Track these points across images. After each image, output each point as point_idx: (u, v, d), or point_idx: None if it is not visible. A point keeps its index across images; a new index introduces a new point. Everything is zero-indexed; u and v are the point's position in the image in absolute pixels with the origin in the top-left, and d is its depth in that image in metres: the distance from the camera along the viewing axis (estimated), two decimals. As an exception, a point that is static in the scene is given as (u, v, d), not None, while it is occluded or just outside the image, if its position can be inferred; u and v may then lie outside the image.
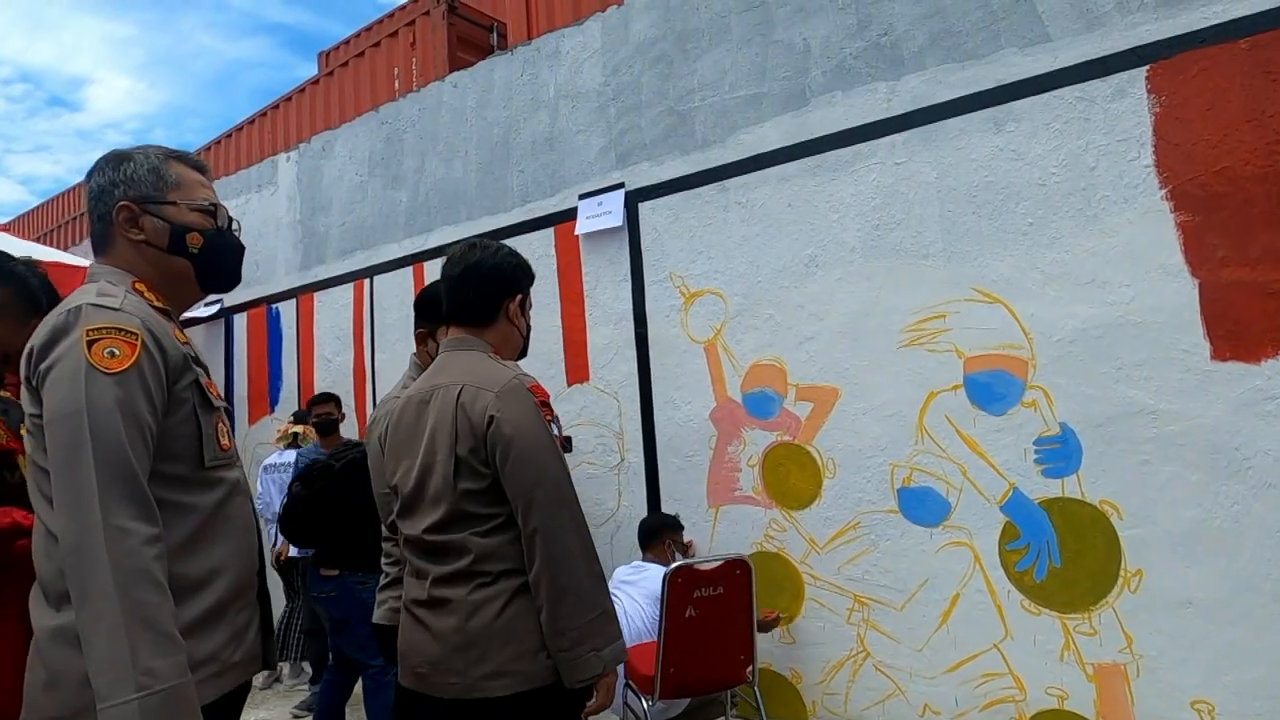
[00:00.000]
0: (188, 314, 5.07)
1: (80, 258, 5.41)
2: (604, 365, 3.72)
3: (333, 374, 4.75)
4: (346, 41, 8.27)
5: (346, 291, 4.72)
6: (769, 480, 3.27)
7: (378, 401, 4.39)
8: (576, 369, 3.80)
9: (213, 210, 1.38)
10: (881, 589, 3.00)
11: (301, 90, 7.36)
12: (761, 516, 3.27)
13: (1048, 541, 2.69)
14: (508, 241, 4.04)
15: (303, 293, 4.94)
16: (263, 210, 5.22)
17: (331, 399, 4.06)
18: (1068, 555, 2.66)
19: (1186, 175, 2.54)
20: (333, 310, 4.80)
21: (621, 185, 3.69)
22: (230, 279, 1.46)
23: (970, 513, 2.83)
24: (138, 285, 1.29)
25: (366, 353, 4.61)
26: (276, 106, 7.76)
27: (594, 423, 3.73)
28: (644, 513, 3.52)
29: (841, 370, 3.11)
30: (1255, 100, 2.45)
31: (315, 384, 4.82)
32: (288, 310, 5.04)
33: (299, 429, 4.26)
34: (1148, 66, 2.61)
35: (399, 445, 1.59)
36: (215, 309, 5.37)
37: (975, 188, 2.88)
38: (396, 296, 4.49)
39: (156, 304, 1.29)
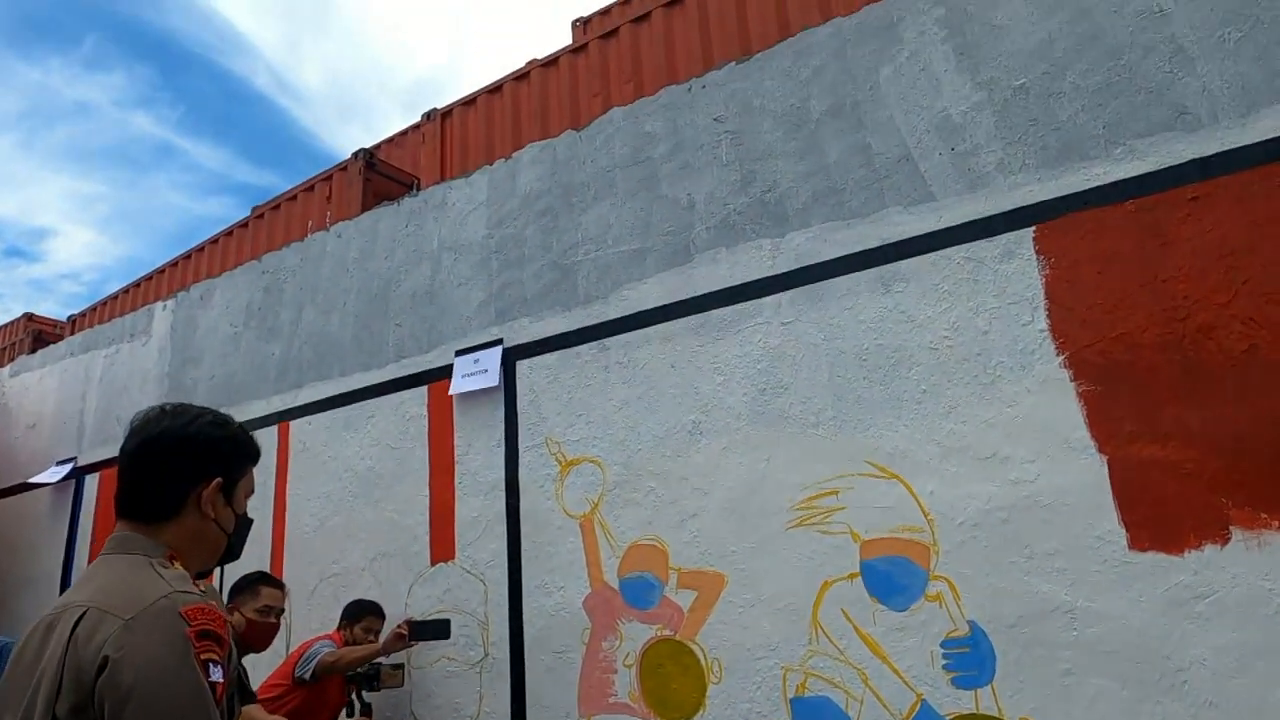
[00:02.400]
0: (36, 479, 4.43)
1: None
2: (472, 542, 3.27)
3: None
4: (278, 196, 8.19)
5: (207, 452, 4.25)
6: (647, 685, 2.78)
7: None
8: (442, 545, 3.34)
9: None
10: (776, 827, 2.47)
11: (214, 241, 7.15)
12: (638, 730, 2.76)
13: (964, 771, 2.24)
14: (379, 400, 3.72)
15: (161, 452, 4.45)
16: (132, 362, 4.81)
17: None
18: (988, 789, 2.20)
19: (1084, 341, 2.32)
20: (190, 472, 4.30)
21: (500, 342, 3.39)
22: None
23: (874, 731, 2.37)
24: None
25: (220, 522, 4.08)
26: (201, 249, 7.47)
27: (457, 609, 3.23)
28: (507, 722, 2.98)
29: (727, 553, 2.72)
30: (1148, 264, 2.28)
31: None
32: (143, 472, 4.52)
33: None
34: (1034, 227, 2.45)
35: (5, 692, 1.14)
36: (67, 469, 4.82)
37: (865, 351, 2.64)
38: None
39: None
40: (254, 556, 3.86)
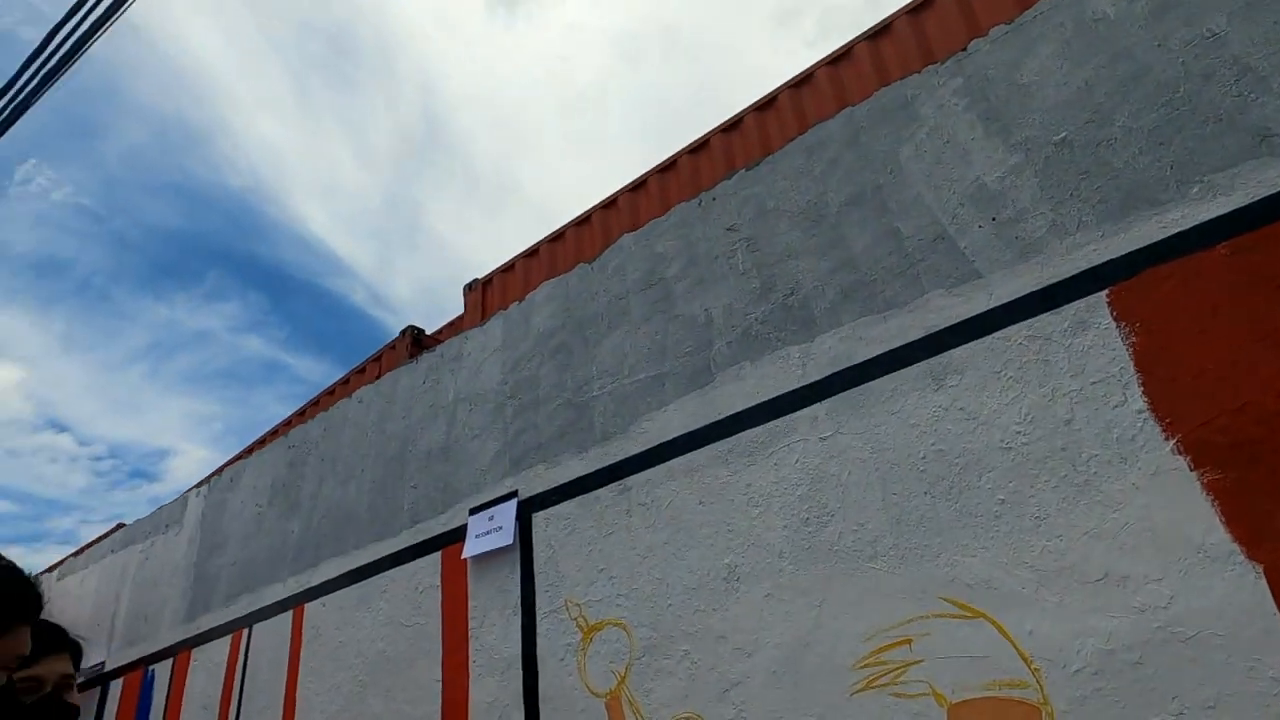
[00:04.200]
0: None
1: None
2: (487, 734, 2.76)
3: (191, 757, 3.76)
4: (333, 384, 8.32)
5: (224, 646, 3.90)
6: None
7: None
8: (455, 740, 2.83)
9: None
10: None
11: (273, 431, 7.19)
12: None
13: None
14: (392, 572, 3.34)
15: (181, 649, 4.13)
16: (165, 554, 4.61)
17: None
18: None
19: (1198, 418, 1.82)
20: (206, 671, 3.94)
21: (515, 494, 3.03)
22: None
23: None
24: None
25: (230, 725, 3.66)
26: (263, 441, 7.53)
27: (471, 822, 2.67)
28: None
29: (781, 731, 2.15)
30: (1260, 313, 1.81)
31: (170, 771, 3.81)
32: (163, 673, 4.18)
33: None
34: (1107, 291, 2.02)
35: None
36: (88, 676, 4.53)
37: (922, 460, 2.17)
38: (271, 649, 3.66)
39: None
40: (259, 765, 3.40)
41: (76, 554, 5.42)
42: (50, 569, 5.58)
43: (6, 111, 4.51)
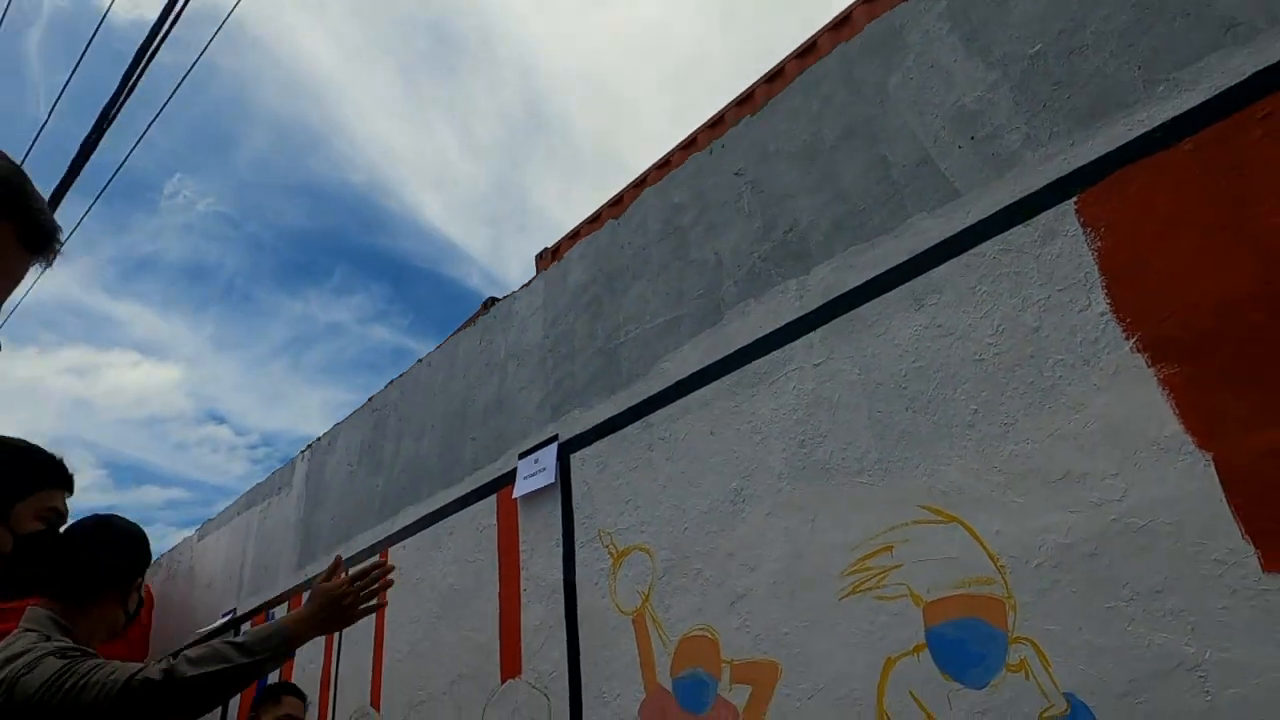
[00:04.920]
0: (201, 631, 4.72)
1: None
2: (536, 652, 3.03)
3: (306, 684, 4.25)
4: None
5: (327, 589, 4.37)
6: (706, 806, 2.34)
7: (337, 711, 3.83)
8: (511, 660, 3.13)
9: None
10: None
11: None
12: None
13: None
14: (458, 515, 3.67)
15: (294, 595, 4.65)
16: (279, 513, 5.16)
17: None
18: None
19: (1158, 315, 1.83)
20: (314, 611, 4.42)
21: (555, 438, 3.28)
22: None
23: None
24: None
25: (333, 656, 4.12)
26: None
27: (525, 730, 2.96)
28: None
29: (779, 637, 2.31)
30: (1223, 204, 1.80)
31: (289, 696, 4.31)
32: (281, 614, 4.71)
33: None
34: (1075, 199, 2.03)
35: None
36: (226, 620, 5.15)
37: (904, 378, 2.25)
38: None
39: None
40: (355, 689, 3.83)
41: (213, 519, 6.10)
42: (196, 532, 6.29)
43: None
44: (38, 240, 0.95)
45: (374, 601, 2.11)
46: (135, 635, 5.32)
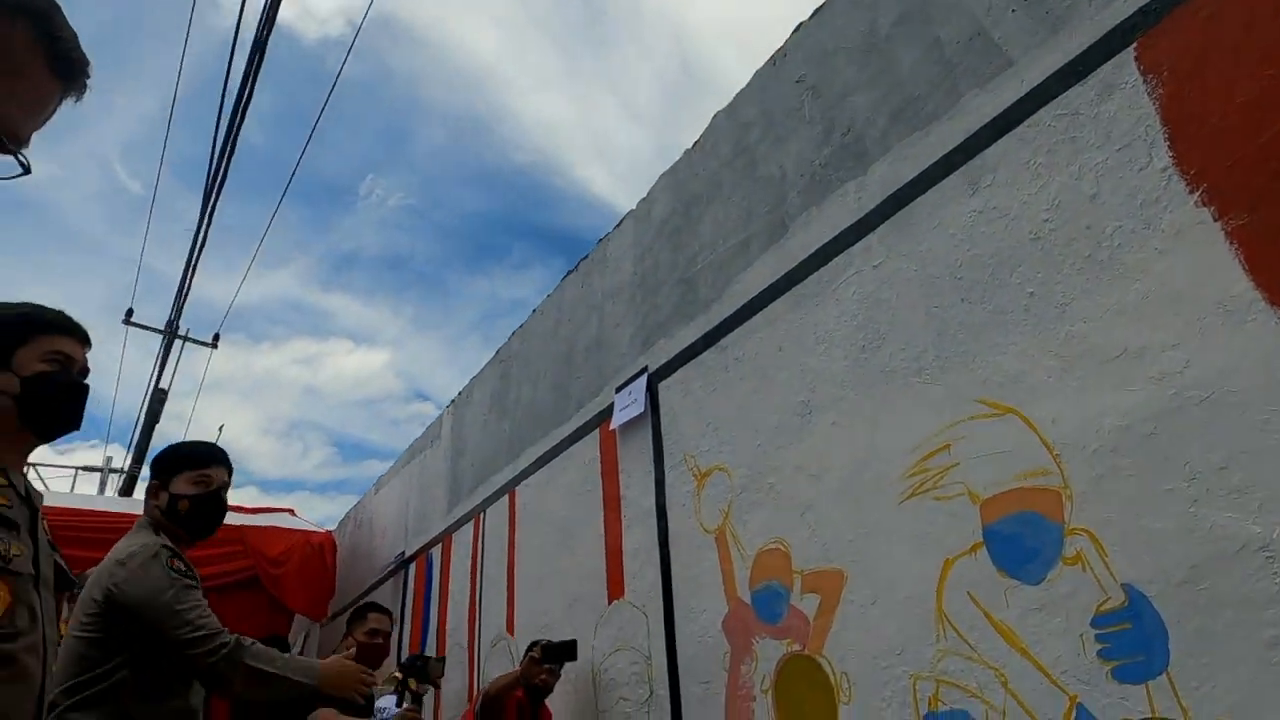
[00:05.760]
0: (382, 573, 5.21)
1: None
2: (635, 574, 3.15)
3: (457, 616, 4.64)
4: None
5: (469, 529, 4.72)
6: (782, 711, 2.36)
7: (483, 641, 4.15)
8: (615, 582, 3.26)
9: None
10: None
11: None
12: (778, 767, 2.32)
13: (1143, 805, 1.51)
14: (569, 451, 3.84)
15: (445, 535, 5.05)
16: (432, 464, 5.60)
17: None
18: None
19: (1225, 161, 1.61)
20: (460, 550, 4.80)
21: (645, 370, 3.34)
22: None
23: (1023, 754, 1.72)
24: None
25: (478, 592, 4.46)
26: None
27: (629, 646, 3.09)
28: (671, 765, 2.71)
29: (844, 545, 2.27)
30: (1298, 25, 1.54)
31: (447, 626, 4.73)
32: (437, 555, 5.15)
33: (400, 675, 4.11)
34: (1134, 45, 1.81)
35: None
36: (397, 561, 5.69)
37: (959, 267, 2.11)
38: (496, 527, 4.38)
39: None
40: (494, 618, 4.13)
41: (385, 474, 6.72)
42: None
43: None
44: (67, 68, 0.97)
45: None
46: (321, 576, 5.99)
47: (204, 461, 2.24)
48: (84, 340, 1.54)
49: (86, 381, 1.54)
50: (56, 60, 0.95)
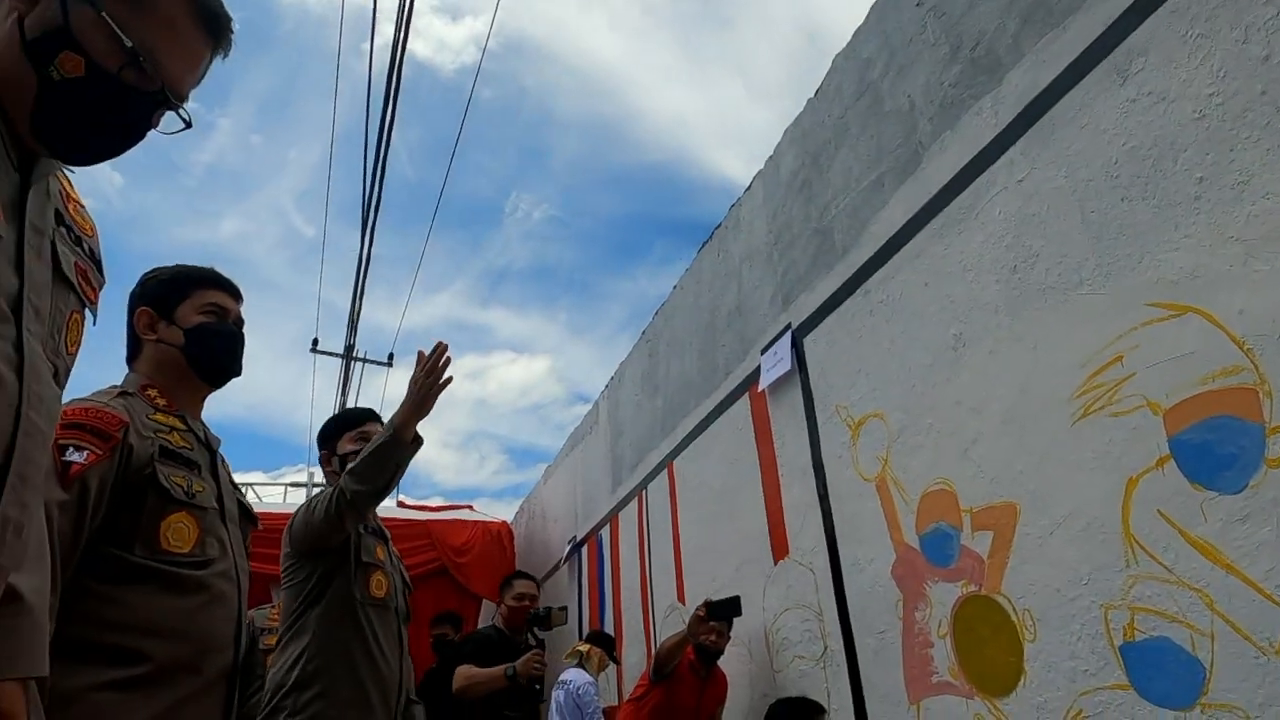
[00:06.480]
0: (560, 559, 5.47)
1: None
2: (798, 532, 3.11)
3: (630, 591, 4.76)
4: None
5: (634, 507, 4.83)
6: (963, 654, 2.26)
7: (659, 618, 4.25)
8: (779, 542, 3.24)
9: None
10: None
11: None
12: (964, 711, 2.23)
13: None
14: (720, 420, 3.86)
15: (612, 516, 5.19)
16: (592, 448, 5.78)
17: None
18: None
19: None
20: (628, 527, 4.92)
21: (788, 327, 3.30)
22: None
23: (1239, 676, 1.57)
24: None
25: (647, 566, 4.55)
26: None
27: (799, 604, 3.06)
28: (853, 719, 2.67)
29: (1014, 476, 2.14)
30: None
31: (621, 603, 4.87)
32: (606, 535, 5.30)
33: (584, 648, 4.27)
34: (1301, -122, 1.60)
35: None
36: (570, 546, 5.90)
37: (1114, 164, 1.95)
38: (659, 502, 4.45)
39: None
40: (665, 587, 4.21)
41: (552, 464, 7.00)
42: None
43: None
44: (214, 24, 0.99)
45: (443, 379, 2.04)
46: (500, 562, 6.31)
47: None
48: (235, 294, 1.61)
49: (241, 331, 1.61)
50: (202, 17, 0.98)
